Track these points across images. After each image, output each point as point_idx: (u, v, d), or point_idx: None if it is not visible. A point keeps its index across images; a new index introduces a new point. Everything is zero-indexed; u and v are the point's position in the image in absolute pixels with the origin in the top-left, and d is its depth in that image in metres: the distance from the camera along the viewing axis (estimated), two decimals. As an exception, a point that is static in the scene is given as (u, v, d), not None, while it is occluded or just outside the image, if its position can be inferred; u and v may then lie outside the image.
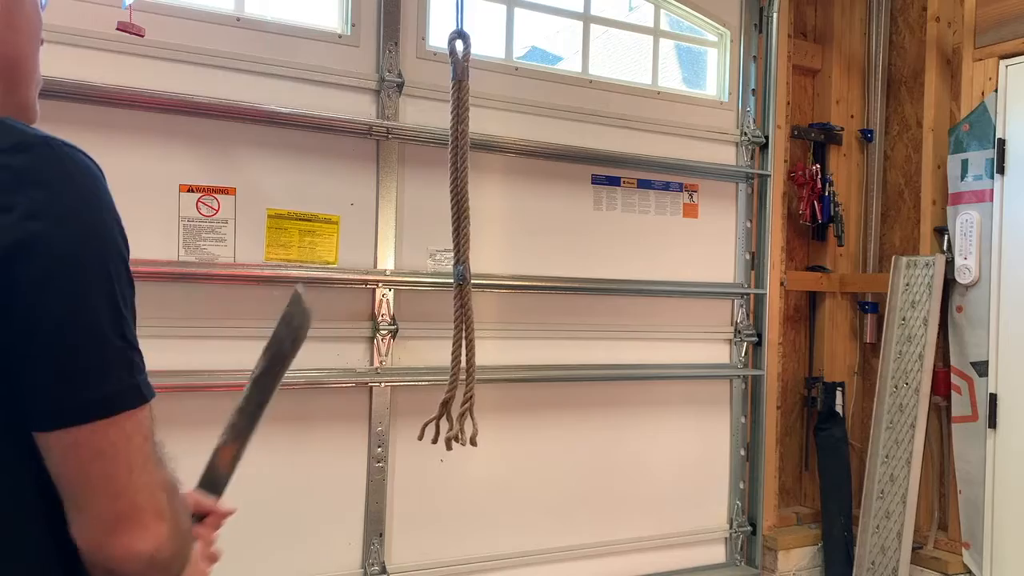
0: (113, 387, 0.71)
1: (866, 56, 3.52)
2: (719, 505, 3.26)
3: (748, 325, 3.25)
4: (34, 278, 0.66)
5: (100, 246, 0.71)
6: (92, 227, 0.71)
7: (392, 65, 2.57)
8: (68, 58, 2.15)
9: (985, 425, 2.94)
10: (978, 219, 2.97)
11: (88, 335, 0.69)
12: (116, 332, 0.71)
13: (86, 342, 0.69)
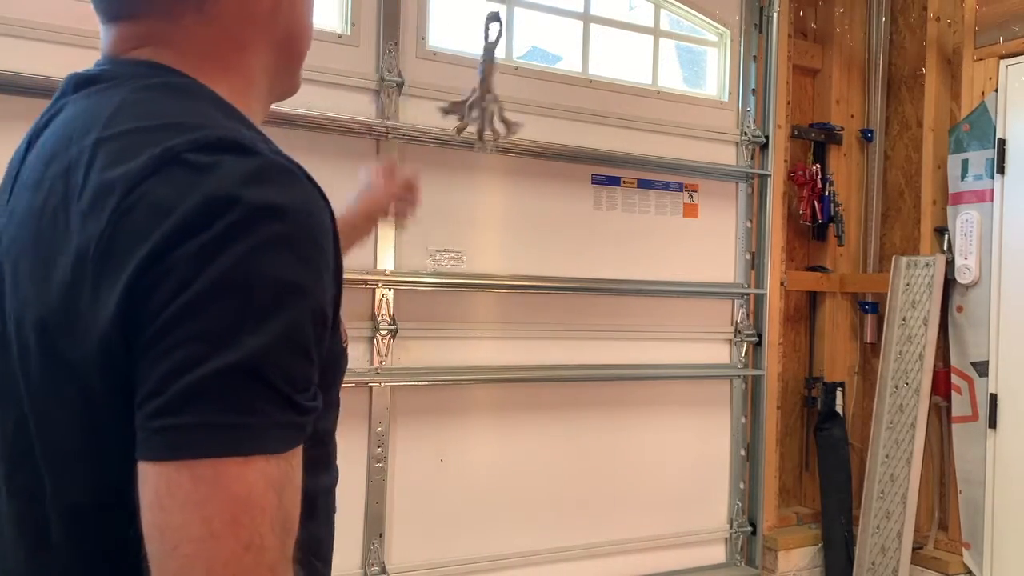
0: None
1: (866, 56, 3.52)
2: (719, 505, 3.26)
3: (748, 325, 3.25)
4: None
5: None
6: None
7: (392, 65, 2.57)
8: (68, 58, 2.14)
9: (985, 425, 2.94)
10: (978, 219, 2.97)
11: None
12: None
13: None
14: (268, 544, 0.53)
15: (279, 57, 0.75)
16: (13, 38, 2.10)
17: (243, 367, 0.53)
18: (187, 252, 0.53)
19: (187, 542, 0.51)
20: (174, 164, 0.56)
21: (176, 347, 0.52)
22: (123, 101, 0.62)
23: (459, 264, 2.72)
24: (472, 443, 2.76)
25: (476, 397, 2.77)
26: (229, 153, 0.57)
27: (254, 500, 0.52)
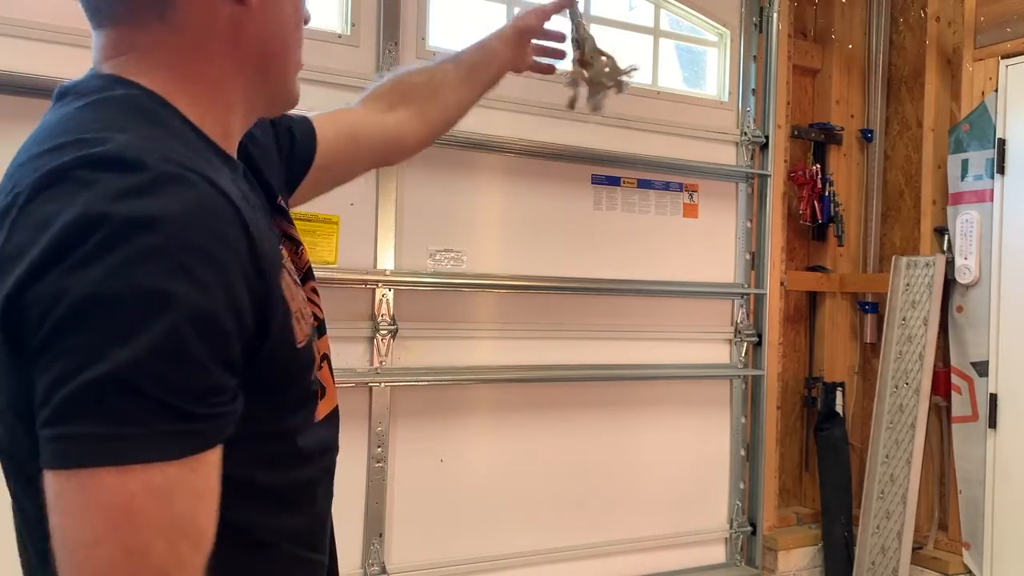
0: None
1: (866, 56, 3.52)
2: (719, 505, 3.26)
3: (748, 325, 3.25)
4: None
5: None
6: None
7: (392, 65, 2.56)
8: (68, 58, 2.15)
9: (985, 425, 2.94)
10: (978, 219, 2.97)
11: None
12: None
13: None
14: (155, 550, 0.55)
15: (252, 69, 0.75)
16: (13, 38, 2.10)
17: (113, 378, 0.54)
18: (61, 268, 0.56)
19: (77, 547, 0.54)
20: (62, 181, 0.59)
21: (55, 360, 0.55)
22: (63, 117, 0.67)
23: (459, 264, 2.72)
24: (472, 443, 2.76)
25: (476, 397, 2.77)
26: (111, 170, 0.59)
27: (134, 507, 0.54)
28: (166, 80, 0.71)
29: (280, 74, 0.79)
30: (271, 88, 0.79)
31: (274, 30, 0.76)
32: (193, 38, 0.71)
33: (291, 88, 0.82)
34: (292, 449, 0.76)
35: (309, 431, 0.79)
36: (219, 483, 0.61)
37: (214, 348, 0.59)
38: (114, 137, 0.62)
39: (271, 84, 0.79)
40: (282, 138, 1.00)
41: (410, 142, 1.21)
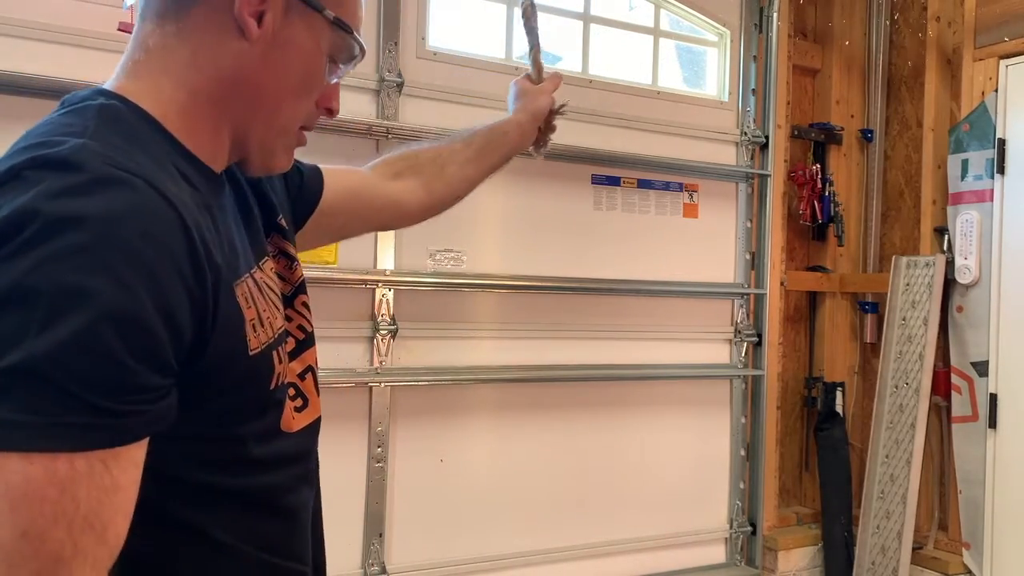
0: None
1: (866, 56, 3.52)
2: (719, 505, 3.26)
3: (748, 325, 3.25)
4: None
5: None
6: None
7: (392, 65, 2.57)
8: (68, 58, 2.15)
9: (985, 425, 2.94)
10: (978, 219, 2.97)
11: None
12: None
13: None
14: (52, 536, 0.56)
15: (238, 109, 0.77)
16: (13, 38, 2.10)
17: (24, 368, 0.56)
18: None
19: None
20: (14, 179, 0.61)
21: None
22: (43, 123, 0.71)
23: (459, 264, 2.72)
24: (472, 443, 2.76)
25: (476, 397, 2.77)
26: (54, 170, 0.61)
27: (33, 493, 0.55)
28: (161, 86, 0.73)
29: (257, 130, 0.79)
30: (248, 138, 0.79)
31: (268, 83, 0.77)
32: (194, 52, 0.74)
33: (270, 150, 0.81)
34: (245, 455, 0.76)
35: (274, 441, 0.79)
36: (137, 480, 0.62)
37: (134, 346, 0.59)
38: (69, 141, 0.64)
39: (248, 134, 0.79)
40: (291, 175, 1.02)
41: (411, 210, 1.23)
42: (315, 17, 0.78)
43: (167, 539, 0.67)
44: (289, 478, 0.83)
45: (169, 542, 0.67)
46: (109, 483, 0.59)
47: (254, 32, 0.74)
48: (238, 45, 0.74)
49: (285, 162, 0.84)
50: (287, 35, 0.76)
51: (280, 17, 0.75)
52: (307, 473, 0.87)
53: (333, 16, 0.80)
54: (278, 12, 0.75)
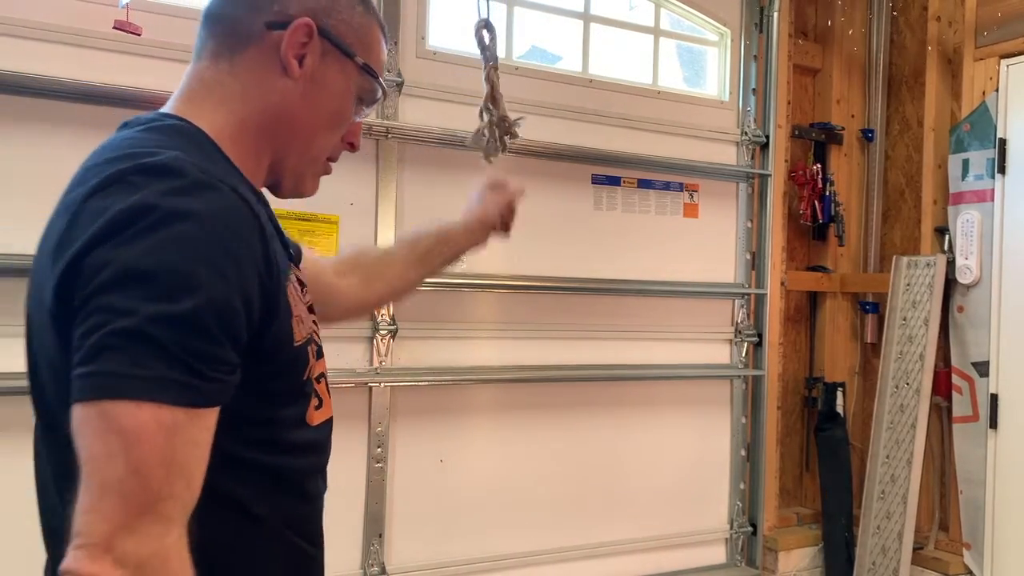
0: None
1: (867, 56, 3.51)
2: (719, 505, 3.26)
3: (748, 325, 3.25)
4: None
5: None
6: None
7: (392, 65, 2.57)
8: (68, 58, 2.15)
9: (986, 425, 2.94)
10: (979, 219, 2.97)
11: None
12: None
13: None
14: (155, 475, 0.67)
15: (277, 137, 0.90)
16: (13, 38, 2.10)
17: (139, 331, 0.67)
18: (113, 242, 0.70)
19: (93, 460, 0.66)
20: (119, 183, 0.73)
21: (93, 312, 0.68)
22: (123, 138, 0.84)
23: (459, 264, 2.71)
24: (472, 443, 2.76)
25: (476, 397, 2.77)
26: (159, 175, 0.73)
27: (144, 435, 0.66)
28: (220, 117, 0.87)
29: (293, 157, 0.92)
30: (283, 164, 0.92)
31: (305, 117, 0.90)
32: (245, 87, 0.88)
33: (301, 176, 0.95)
34: (280, 438, 0.86)
35: (300, 429, 0.89)
36: (210, 442, 0.72)
37: (224, 325, 0.71)
38: (163, 152, 0.76)
39: (285, 161, 0.92)
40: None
41: (348, 301, 1.30)
42: (347, 62, 0.92)
43: (213, 506, 0.73)
44: (311, 466, 0.92)
45: (214, 509, 0.73)
46: (194, 438, 0.70)
47: (296, 71, 0.88)
48: (282, 83, 0.88)
49: (312, 188, 0.97)
50: (323, 76, 0.90)
51: (318, 60, 0.89)
52: (323, 466, 0.96)
53: (362, 62, 0.93)
54: (317, 55, 0.89)
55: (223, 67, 0.88)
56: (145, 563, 0.66)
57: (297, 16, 0.87)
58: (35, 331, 0.82)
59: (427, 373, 2.63)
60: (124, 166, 0.74)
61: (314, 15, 0.88)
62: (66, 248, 0.72)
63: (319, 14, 0.89)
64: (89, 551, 0.65)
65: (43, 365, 0.80)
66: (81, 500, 0.66)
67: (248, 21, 0.88)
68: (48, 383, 0.79)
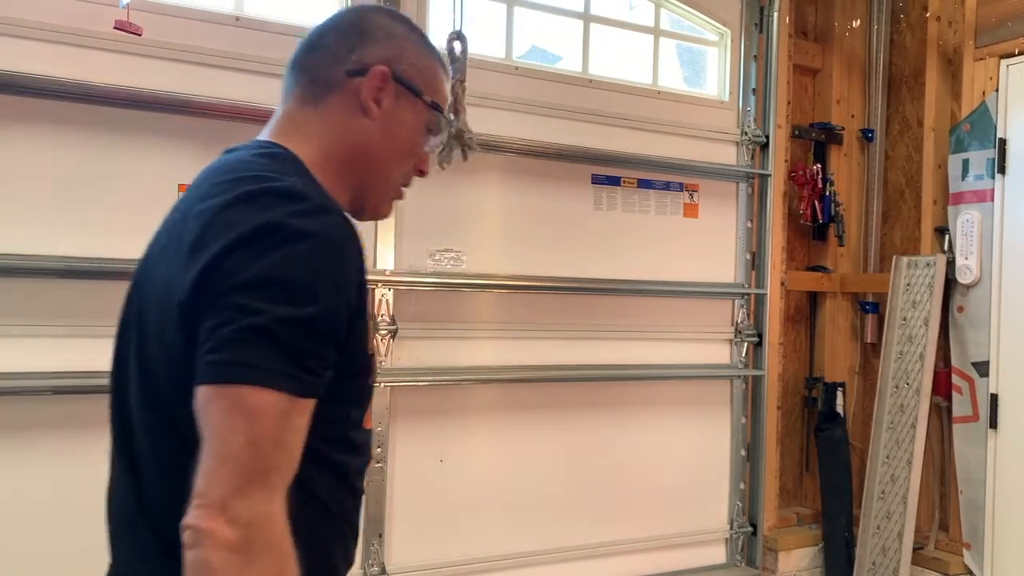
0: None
1: (867, 56, 3.51)
2: (719, 505, 3.26)
3: (748, 325, 3.25)
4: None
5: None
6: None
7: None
8: (68, 58, 2.15)
9: (986, 425, 2.94)
10: (979, 219, 2.97)
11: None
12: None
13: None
14: (267, 450, 0.79)
15: (358, 168, 1.03)
16: (13, 38, 2.10)
17: (265, 328, 0.80)
18: (242, 253, 0.82)
19: (217, 433, 0.78)
20: (249, 202, 0.86)
21: (225, 310, 0.81)
22: (237, 159, 0.97)
23: (459, 264, 2.72)
24: (472, 443, 2.76)
25: (476, 397, 2.77)
26: (285, 198, 0.87)
27: (262, 415, 0.79)
28: (310, 151, 0.99)
29: (373, 185, 1.05)
30: (365, 192, 1.05)
31: (382, 151, 1.03)
32: (331, 126, 1.01)
33: (380, 204, 1.08)
34: (347, 437, 0.97)
35: (358, 430, 1.00)
36: (307, 428, 0.83)
37: (331, 330, 0.85)
38: (283, 178, 0.90)
39: (366, 189, 1.05)
40: None
41: None
42: (417, 101, 1.04)
43: (295, 490, 0.83)
44: (362, 465, 1.03)
45: (295, 492, 0.83)
46: (297, 423, 0.82)
47: (375, 112, 1.01)
48: (362, 123, 1.01)
49: (388, 211, 1.10)
50: (397, 114, 1.03)
51: (392, 101, 1.02)
52: (367, 467, 1.06)
53: (430, 100, 1.06)
54: (391, 97, 1.02)
55: (309, 110, 1.02)
56: (253, 523, 0.77)
57: (373, 64, 1.01)
58: (150, 321, 0.92)
59: (427, 373, 2.63)
60: (253, 187, 0.87)
61: (388, 62, 1.01)
62: (202, 251, 0.84)
63: (392, 61, 1.02)
64: (207, 510, 0.76)
65: (155, 350, 0.90)
66: (203, 466, 0.78)
67: (330, 70, 1.01)
68: (161, 367, 0.89)
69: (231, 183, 0.89)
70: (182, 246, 0.87)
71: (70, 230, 2.18)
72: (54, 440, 2.17)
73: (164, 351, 0.88)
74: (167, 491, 0.88)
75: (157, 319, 0.90)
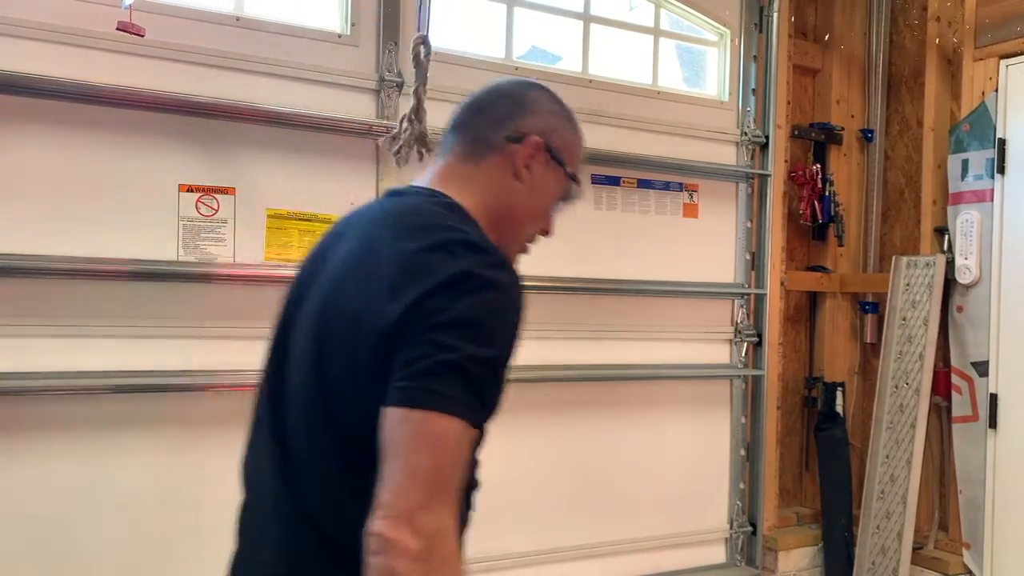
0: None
1: (866, 56, 3.52)
2: (719, 505, 3.26)
3: (748, 325, 3.25)
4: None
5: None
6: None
7: (392, 65, 2.57)
8: (68, 58, 2.15)
9: (985, 425, 2.94)
10: (978, 219, 2.97)
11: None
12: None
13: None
14: (446, 470, 0.90)
15: (502, 223, 1.15)
16: (13, 38, 2.10)
17: (457, 364, 0.91)
18: (444, 297, 0.94)
19: (406, 452, 0.89)
20: (443, 250, 0.98)
21: (424, 344, 0.92)
22: (414, 204, 1.10)
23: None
24: (472, 443, 2.76)
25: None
26: (472, 249, 0.99)
27: (444, 442, 0.90)
28: (471, 202, 1.11)
29: (509, 240, 1.17)
30: (501, 245, 1.12)
31: (524, 211, 1.17)
32: (488, 183, 1.14)
33: (510, 256, 1.16)
34: (475, 460, 1.10)
35: (476, 460, 1.12)
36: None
37: (503, 371, 0.98)
38: (466, 230, 1.04)
39: (503, 242, 1.13)
40: None
41: None
42: (560, 170, 1.18)
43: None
44: (476, 485, 1.16)
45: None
46: (467, 449, 0.94)
47: (525, 176, 1.14)
48: (513, 184, 1.14)
49: (515, 263, 1.19)
50: (542, 180, 1.17)
51: (542, 168, 1.16)
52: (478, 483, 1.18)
53: (571, 171, 1.20)
54: (541, 165, 1.15)
55: (470, 166, 1.14)
56: (434, 534, 0.87)
57: (530, 134, 1.13)
58: (335, 336, 1.01)
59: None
60: (444, 236, 1.00)
61: (542, 134, 1.14)
62: (404, 290, 0.95)
63: (546, 133, 1.15)
64: (394, 521, 0.86)
65: (339, 364, 1.00)
66: (389, 480, 0.88)
67: (491, 134, 1.14)
68: (342, 379, 0.99)
69: (421, 229, 1.02)
70: (380, 280, 0.98)
71: (70, 230, 2.18)
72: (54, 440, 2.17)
73: (350, 367, 0.98)
74: (324, 487, 1.01)
75: (346, 338, 1.00)
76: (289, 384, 1.07)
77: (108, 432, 2.23)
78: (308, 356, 1.05)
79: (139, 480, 2.27)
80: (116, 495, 2.24)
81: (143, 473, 2.27)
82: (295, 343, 1.09)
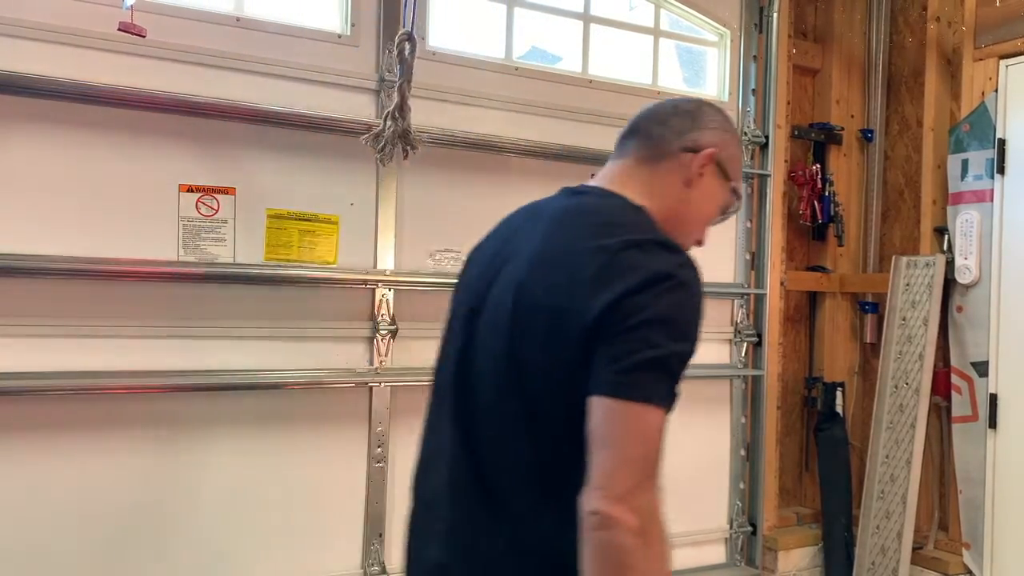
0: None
1: (866, 56, 3.52)
2: (719, 505, 3.26)
3: (748, 325, 3.25)
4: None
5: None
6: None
7: (392, 65, 2.56)
8: (68, 58, 2.15)
9: (985, 425, 2.94)
10: (978, 219, 2.97)
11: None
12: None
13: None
14: (650, 457, 0.99)
15: (672, 224, 1.21)
16: (13, 38, 2.10)
17: (661, 360, 1.00)
18: (646, 294, 1.02)
19: (617, 440, 0.98)
20: (639, 248, 1.07)
21: (630, 341, 1.00)
22: (598, 204, 1.18)
23: (459, 264, 2.71)
24: (472, 443, 2.76)
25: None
26: (669, 250, 1.09)
27: (651, 430, 0.99)
28: (648, 203, 1.19)
29: (682, 229, 1.23)
30: (677, 231, 1.21)
31: (689, 217, 1.25)
32: (661, 186, 1.22)
33: (687, 241, 1.28)
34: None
35: None
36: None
37: (687, 363, 1.05)
38: (653, 230, 1.13)
39: (677, 229, 1.22)
40: None
41: None
42: (725, 183, 1.25)
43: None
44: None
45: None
46: (663, 436, 1.00)
47: (697, 185, 1.22)
48: (683, 191, 1.22)
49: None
50: (709, 190, 1.24)
51: (710, 179, 1.23)
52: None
53: (734, 185, 1.27)
54: (711, 176, 1.23)
55: (644, 169, 1.22)
56: (647, 510, 0.96)
57: (705, 147, 1.21)
58: (531, 329, 1.08)
59: (427, 373, 2.61)
60: (639, 236, 1.09)
61: (715, 147, 1.22)
62: (604, 287, 1.02)
63: (718, 146, 1.22)
64: (613, 501, 0.95)
65: (537, 355, 1.07)
66: (602, 463, 0.97)
67: (669, 142, 1.22)
68: (541, 368, 1.06)
69: (612, 227, 1.10)
70: (580, 276, 1.05)
71: (70, 230, 2.18)
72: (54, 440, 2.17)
73: (551, 358, 1.06)
74: (512, 469, 1.10)
75: (546, 330, 1.06)
76: (476, 370, 1.15)
77: (108, 432, 2.23)
78: (500, 346, 1.11)
79: (139, 480, 2.27)
80: (116, 495, 2.24)
81: (143, 473, 2.27)
82: (481, 334, 1.16)
